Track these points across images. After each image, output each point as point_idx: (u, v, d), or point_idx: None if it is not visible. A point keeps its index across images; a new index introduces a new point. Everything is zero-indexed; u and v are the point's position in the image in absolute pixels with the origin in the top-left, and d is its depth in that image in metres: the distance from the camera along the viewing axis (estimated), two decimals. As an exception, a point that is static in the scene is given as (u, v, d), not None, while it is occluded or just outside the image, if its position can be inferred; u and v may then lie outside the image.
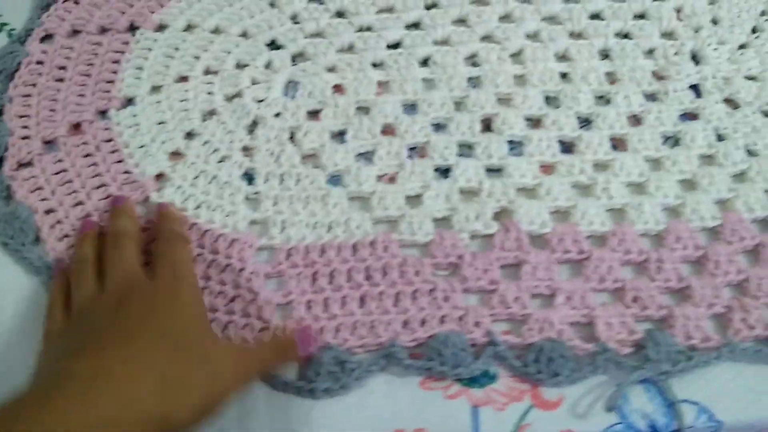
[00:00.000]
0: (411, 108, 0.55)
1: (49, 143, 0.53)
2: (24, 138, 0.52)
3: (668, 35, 0.59)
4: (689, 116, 0.55)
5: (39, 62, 0.57)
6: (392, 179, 0.51)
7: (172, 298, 0.40)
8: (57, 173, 0.51)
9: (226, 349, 0.41)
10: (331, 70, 0.57)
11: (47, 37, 0.59)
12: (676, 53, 0.58)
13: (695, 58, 0.58)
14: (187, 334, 0.38)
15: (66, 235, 0.48)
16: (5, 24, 0.60)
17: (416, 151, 0.53)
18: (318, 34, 0.59)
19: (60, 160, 0.52)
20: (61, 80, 0.56)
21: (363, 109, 0.55)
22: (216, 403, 0.37)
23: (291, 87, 0.56)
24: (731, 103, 0.55)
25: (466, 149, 0.53)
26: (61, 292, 0.44)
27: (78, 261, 0.45)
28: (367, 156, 0.52)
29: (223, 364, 0.38)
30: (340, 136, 0.53)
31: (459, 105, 0.55)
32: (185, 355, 0.37)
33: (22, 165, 0.51)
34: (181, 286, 0.41)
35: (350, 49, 0.59)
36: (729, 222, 0.48)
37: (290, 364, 0.43)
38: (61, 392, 0.33)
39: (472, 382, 0.43)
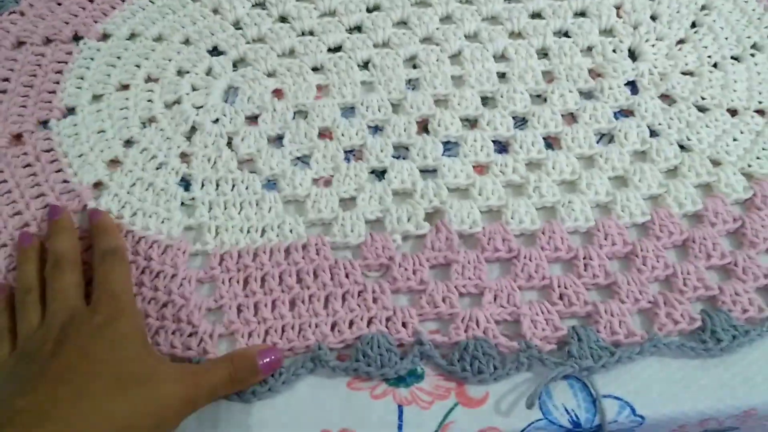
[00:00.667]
0: (349, 111, 0.56)
1: (-9, 154, 0.54)
2: (-35, 150, 0.53)
3: (607, 32, 0.60)
4: (624, 113, 0.55)
5: (-18, 74, 0.58)
6: (328, 182, 0.52)
7: (113, 330, 0.40)
8: (-3, 183, 0.52)
9: (173, 374, 0.40)
10: (271, 75, 0.58)
11: (-9, 49, 0.60)
12: (614, 50, 0.58)
13: (633, 55, 0.58)
14: (129, 365, 0.39)
15: (4, 245, 0.49)
16: (-49, 36, 0.61)
17: (353, 153, 0.53)
18: (260, 40, 0.60)
19: (0, 171, 0.52)
20: (4, 92, 0.57)
21: (301, 113, 0.55)
22: (163, 430, 0.38)
23: (231, 93, 0.57)
24: (667, 98, 0.56)
25: (402, 150, 0.53)
26: (6, 321, 0.44)
27: (21, 290, 0.45)
28: (303, 159, 0.53)
29: (169, 389, 0.39)
30: (278, 140, 0.54)
31: (396, 107, 0.55)
32: (128, 387, 0.37)
33: (-38, 176, 0.52)
34: (120, 317, 0.41)
35: (291, 53, 0.59)
36: (658, 217, 0.49)
37: (248, 387, 0.43)
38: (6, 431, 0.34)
39: (399, 381, 0.44)
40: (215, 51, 0.60)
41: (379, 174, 0.52)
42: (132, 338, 0.41)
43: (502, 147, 0.53)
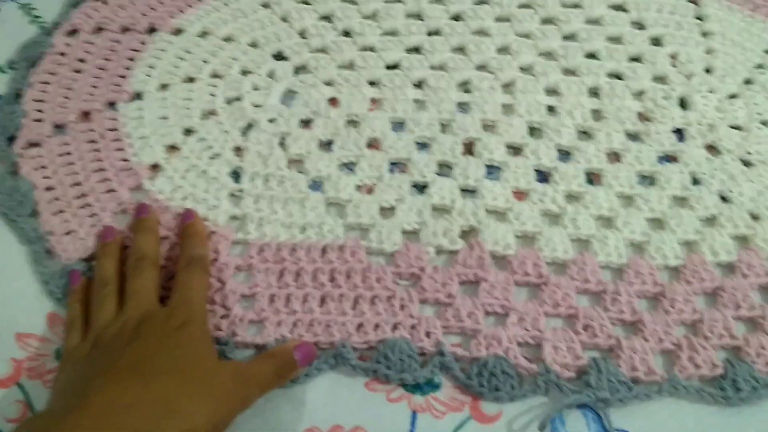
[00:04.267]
0: (399, 126, 0.57)
1: (59, 127, 0.57)
2: (36, 120, 0.57)
3: (660, 79, 0.61)
4: (669, 158, 0.56)
5: (61, 53, 0.61)
6: (370, 190, 0.53)
7: (184, 334, 0.42)
8: (61, 155, 0.55)
9: (230, 374, 0.42)
10: (329, 83, 0.60)
11: (73, 32, 0.63)
12: (664, 97, 0.59)
13: (683, 104, 0.59)
14: (195, 366, 0.41)
15: (61, 211, 0.52)
16: (38, 17, 0.65)
17: (398, 166, 0.55)
18: (322, 50, 0.63)
19: (66, 143, 0.55)
20: (78, 71, 0.60)
21: (353, 123, 0.58)
22: (220, 428, 0.40)
23: (289, 96, 0.59)
24: (713, 149, 0.56)
25: (445, 169, 0.55)
26: (80, 311, 0.47)
27: (100, 283, 0.47)
28: (349, 166, 0.55)
29: (227, 390, 0.41)
30: (327, 145, 0.56)
31: (445, 127, 0.57)
32: (193, 386, 0.39)
33: (31, 144, 0.56)
34: (192, 323, 0.43)
35: (350, 66, 0.62)
36: (691, 263, 0.49)
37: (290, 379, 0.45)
38: (78, 421, 0.36)
39: (416, 388, 0.45)
40: (279, 56, 0.62)
41: (421, 188, 0.54)
42: (199, 343, 0.43)
43: (543, 177, 0.55)
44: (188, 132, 0.57)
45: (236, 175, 0.54)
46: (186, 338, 0.42)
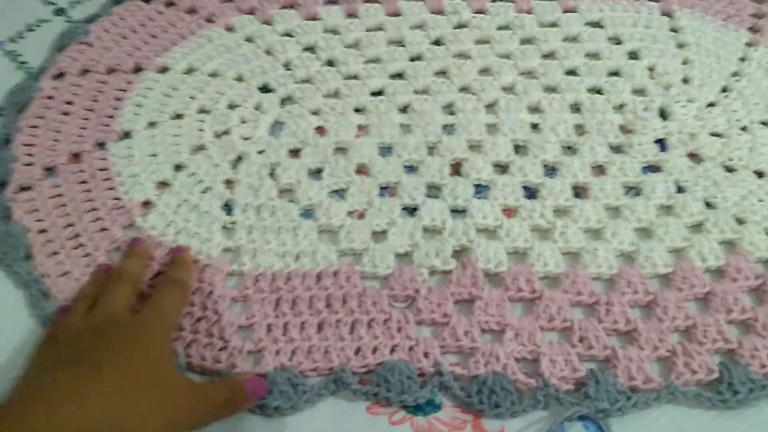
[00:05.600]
0: (386, 150, 0.58)
1: (50, 170, 0.57)
2: (27, 164, 0.57)
3: (639, 92, 0.62)
4: (652, 168, 0.57)
5: (49, 97, 0.62)
6: (361, 215, 0.54)
7: (145, 335, 0.43)
8: (53, 197, 0.55)
9: (187, 391, 0.43)
10: (316, 113, 0.61)
11: (60, 75, 0.64)
12: (645, 109, 0.60)
13: (663, 114, 0.60)
14: (151, 371, 0.41)
15: (55, 252, 0.52)
16: (24, 62, 0.66)
17: (387, 190, 0.56)
18: (307, 80, 0.64)
19: (57, 186, 0.56)
20: (67, 114, 0.61)
21: (341, 150, 0.58)
22: None
23: (277, 127, 0.60)
24: (695, 157, 0.57)
25: (434, 190, 0.56)
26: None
27: (78, 294, 0.50)
28: (340, 193, 0.56)
29: (182, 405, 0.41)
30: (317, 173, 0.57)
31: (431, 149, 0.58)
32: (145, 389, 0.40)
33: (22, 189, 0.56)
34: (156, 327, 0.44)
35: (336, 94, 0.63)
36: (681, 270, 0.50)
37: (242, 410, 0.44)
38: (38, 404, 0.37)
39: (417, 410, 0.45)
40: (265, 89, 0.63)
41: (411, 211, 0.54)
42: (161, 354, 0.43)
43: (531, 193, 0.55)
44: (178, 167, 0.57)
45: (228, 208, 0.55)
46: (148, 346, 0.42)
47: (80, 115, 0.61)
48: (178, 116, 0.61)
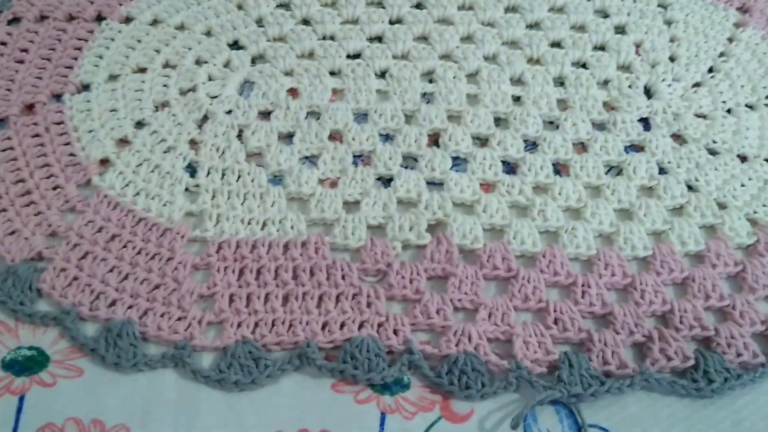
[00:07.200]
0: (362, 117, 0.56)
1: (1, 121, 0.53)
2: (-25, 114, 0.53)
3: (625, 68, 0.60)
4: (635, 148, 0.55)
5: (2, 43, 0.58)
6: (334, 184, 0.52)
7: None
8: (3, 150, 0.52)
9: None
10: (289, 73, 0.58)
11: (14, 20, 0.60)
12: (629, 86, 0.58)
13: (648, 92, 0.59)
14: None
15: (3, 209, 0.49)
16: (-24, 4, 0.62)
17: (361, 158, 0.53)
18: (281, 39, 0.60)
19: (8, 138, 0.52)
20: (21, 62, 0.57)
21: (314, 114, 0.56)
22: None
23: (247, 87, 0.57)
24: (678, 138, 0.56)
25: (411, 161, 0.53)
26: None
27: None
28: (311, 159, 0.53)
29: None
30: (288, 138, 0.54)
31: (409, 118, 0.56)
32: None
33: (-31, 140, 0.52)
34: None
35: (310, 55, 0.59)
36: (660, 253, 0.49)
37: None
38: None
39: (385, 388, 0.43)
40: (235, 45, 0.60)
41: (386, 181, 0.52)
42: None
43: (510, 168, 0.53)
44: (140, 125, 0.54)
45: (192, 170, 0.52)
46: None
47: (36, 64, 0.57)
48: (141, 70, 0.57)
